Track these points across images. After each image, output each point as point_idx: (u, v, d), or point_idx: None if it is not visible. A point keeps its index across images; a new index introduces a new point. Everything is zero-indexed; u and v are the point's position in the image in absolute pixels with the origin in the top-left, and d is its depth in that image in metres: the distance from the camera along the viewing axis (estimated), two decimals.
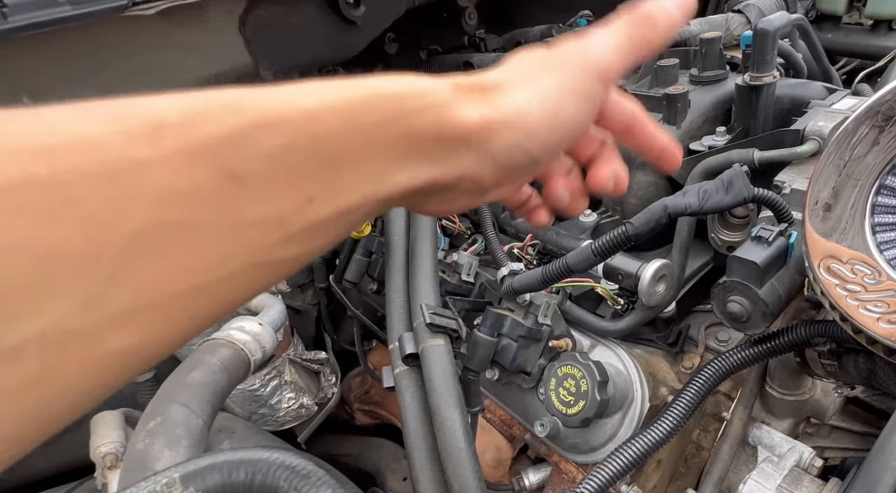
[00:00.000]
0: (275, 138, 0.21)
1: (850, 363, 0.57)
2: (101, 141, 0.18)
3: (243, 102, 0.21)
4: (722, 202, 0.45)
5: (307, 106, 0.22)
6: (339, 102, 0.23)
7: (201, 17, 0.68)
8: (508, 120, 0.27)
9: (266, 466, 0.40)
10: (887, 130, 0.40)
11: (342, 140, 0.23)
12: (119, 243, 0.18)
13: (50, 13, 0.52)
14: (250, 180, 0.20)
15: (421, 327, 0.65)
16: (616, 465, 0.55)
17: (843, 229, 0.43)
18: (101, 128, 0.18)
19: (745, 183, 0.45)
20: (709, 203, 0.44)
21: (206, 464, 0.40)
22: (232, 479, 0.39)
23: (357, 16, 0.83)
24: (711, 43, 0.76)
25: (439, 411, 0.59)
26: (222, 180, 0.20)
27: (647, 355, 0.76)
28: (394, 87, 0.25)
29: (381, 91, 0.25)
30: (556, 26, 1.09)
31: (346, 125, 0.23)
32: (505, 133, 0.27)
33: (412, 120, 0.25)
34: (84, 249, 0.17)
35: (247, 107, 0.21)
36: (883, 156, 0.40)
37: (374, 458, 1.11)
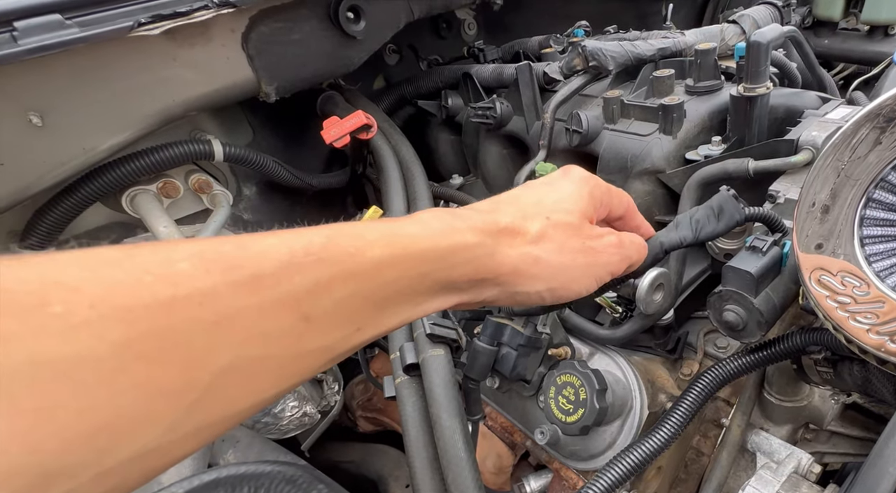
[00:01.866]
0: (346, 288, 0.25)
1: (846, 371, 0.57)
2: (215, 293, 0.21)
3: (329, 255, 0.25)
4: (715, 230, 0.46)
5: (377, 260, 0.27)
6: (403, 257, 0.28)
7: (205, 35, 0.70)
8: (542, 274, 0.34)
9: (268, 480, 0.41)
10: (889, 130, 0.40)
11: (396, 287, 0.28)
12: (208, 378, 0.21)
13: (58, 36, 0.53)
14: (317, 320, 0.24)
15: (421, 337, 0.66)
16: (616, 472, 0.55)
17: (838, 233, 0.43)
18: (216, 279, 0.21)
19: (735, 207, 0.46)
20: (703, 233, 0.45)
21: (210, 479, 0.41)
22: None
23: (357, 30, 0.85)
24: (706, 54, 0.77)
25: (440, 420, 0.60)
26: (297, 321, 0.23)
27: (645, 362, 0.77)
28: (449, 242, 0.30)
29: (437, 246, 0.29)
30: (553, 37, 1.10)
31: (401, 275, 0.28)
32: (531, 282, 0.34)
33: (455, 270, 0.30)
34: (181, 385, 0.20)
35: (331, 260, 0.25)
36: (887, 154, 0.41)
37: (377, 465, 1.11)
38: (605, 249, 0.37)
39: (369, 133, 0.88)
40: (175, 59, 0.68)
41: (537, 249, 0.34)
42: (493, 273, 0.32)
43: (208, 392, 0.21)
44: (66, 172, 0.66)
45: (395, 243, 0.28)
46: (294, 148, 1.07)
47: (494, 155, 1.02)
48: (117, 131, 0.68)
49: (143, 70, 0.67)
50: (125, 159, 0.76)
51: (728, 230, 0.46)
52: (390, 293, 0.28)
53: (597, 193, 0.39)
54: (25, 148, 0.61)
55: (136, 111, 0.68)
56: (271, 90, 0.80)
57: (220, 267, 0.22)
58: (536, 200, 0.36)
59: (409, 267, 0.28)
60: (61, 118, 0.63)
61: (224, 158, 0.85)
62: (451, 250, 0.30)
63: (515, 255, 0.33)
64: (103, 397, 0.18)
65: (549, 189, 0.37)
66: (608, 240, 0.37)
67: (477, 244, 0.31)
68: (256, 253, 0.23)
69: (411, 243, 0.29)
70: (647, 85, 0.82)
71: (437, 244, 0.30)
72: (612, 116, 0.81)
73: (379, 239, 0.27)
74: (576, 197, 0.37)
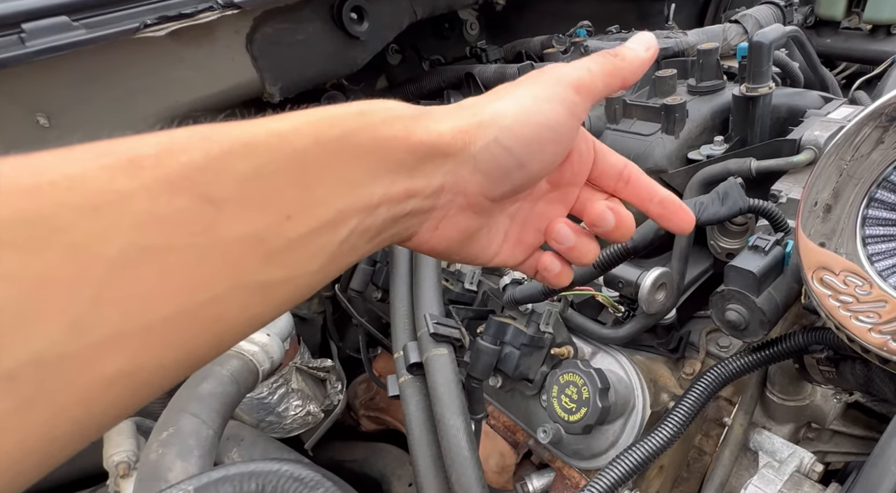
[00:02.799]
0: (246, 162, 0.22)
1: (848, 370, 0.58)
2: (84, 176, 0.19)
3: (217, 133, 0.22)
4: (718, 214, 0.45)
5: (276, 129, 0.23)
6: (307, 123, 0.24)
7: (210, 36, 0.70)
8: (483, 122, 0.28)
9: (276, 478, 0.42)
10: (891, 130, 0.40)
11: (310, 156, 0.24)
12: (102, 269, 0.19)
13: (66, 37, 0.54)
14: (225, 202, 0.21)
15: (425, 336, 0.66)
16: (619, 471, 0.56)
17: (840, 232, 0.44)
18: (84, 165, 0.19)
19: (740, 195, 0.46)
20: (705, 215, 0.45)
21: (218, 476, 0.41)
22: (243, 491, 0.40)
23: (361, 31, 0.85)
24: (709, 54, 0.78)
25: (443, 419, 0.60)
26: (198, 204, 0.21)
27: (648, 361, 0.77)
28: (362, 105, 0.26)
29: (348, 109, 0.26)
30: (556, 36, 1.10)
31: (313, 142, 0.24)
32: (480, 133, 0.28)
33: (378, 131, 0.26)
34: (69, 275, 0.18)
35: (219, 136, 0.22)
36: (891, 153, 0.41)
37: (380, 464, 1.12)
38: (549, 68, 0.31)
39: None
40: (181, 61, 0.69)
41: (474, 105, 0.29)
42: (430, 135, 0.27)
43: (110, 286, 0.19)
44: None
45: (294, 116, 0.24)
46: None
47: None
48: (123, 132, 0.68)
49: (149, 71, 0.68)
50: None
51: (730, 216, 0.46)
52: (308, 168, 0.24)
53: None
54: (33, 149, 0.61)
55: (142, 112, 0.69)
56: (275, 91, 0.80)
57: (89, 155, 0.20)
58: None
59: (318, 131, 0.24)
60: (68, 119, 0.63)
61: None
62: (362, 110, 0.26)
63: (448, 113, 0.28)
64: None
65: None
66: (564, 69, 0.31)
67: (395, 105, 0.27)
68: (131, 140, 0.21)
69: (312, 113, 0.25)
70: (650, 85, 0.82)
71: (346, 109, 0.26)
72: (615, 116, 0.81)
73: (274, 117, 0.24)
74: None
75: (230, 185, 0.21)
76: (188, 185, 0.21)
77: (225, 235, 0.21)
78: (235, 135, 0.22)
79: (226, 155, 0.22)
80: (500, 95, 0.30)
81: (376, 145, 0.26)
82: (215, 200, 0.21)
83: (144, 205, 0.20)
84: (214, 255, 0.21)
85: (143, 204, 0.19)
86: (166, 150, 0.21)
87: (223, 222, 0.21)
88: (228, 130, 0.22)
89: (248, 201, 0.22)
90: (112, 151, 0.20)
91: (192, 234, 0.20)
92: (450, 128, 0.28)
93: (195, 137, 0.22)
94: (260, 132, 0.23)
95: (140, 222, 0.19)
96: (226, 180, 0.21)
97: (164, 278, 0.20)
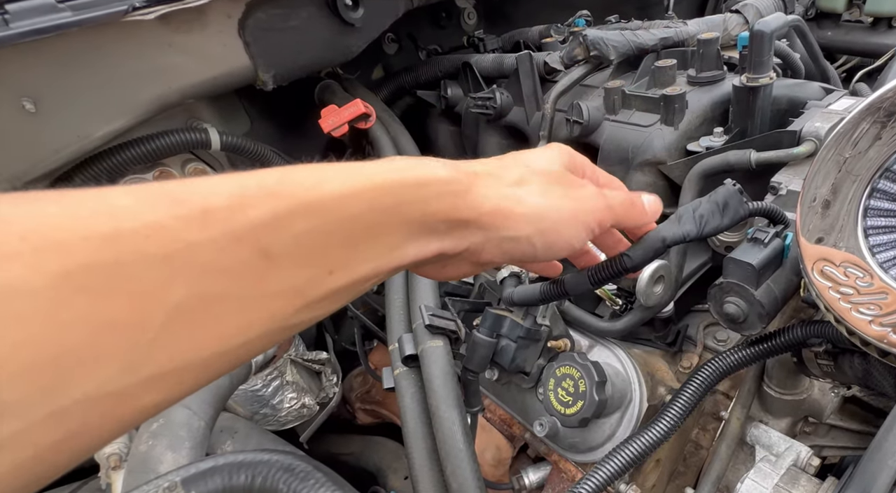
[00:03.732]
0: (306, 222, 0.24)
1: (846, 364, 0.57)
2: (160, 225, 0.20)
3: (283, 189, 0.24)
4: (720, 226, 0.45)
5: (337, 192, 0.25)
6: (366, 188, 0.26)
7: (200, 20, 0.68)
8: (525, 215, 0.32)
9: (266, 468, 0.41)
10: (889, 125, 0.40)
11: (362, 221, 0.26)
12: (162, 314, 0.20)
13: (51, 19, 0.52)
14: (280, 257, 0.23)
15: (420, 328, 0.65)
16: (615, 464, 0.55)
17: (840, 228, 0.43)
18: (161, 214, 0.20)
19: (739, 202, 0.45)
20: (707, 228, 0.44)
21: (207, 467, 0.41)
22: (233, 482, 0.40)
23: (356, 18, 0.84)
24: (709, 44, 0.77)
25: (438, 411, 0.59)
26: (256, 258, 0.22)
27: (645, 354, 0.76)
28: (417, 174, 0.28)
29: (404, 177, 0.28)
30: (554, 26, 1.09)
31: (368, 208, 0.26)
32: (517, 224, 0.32)
33: (429, 205, 0.28)
34: (133, 320, 0.19)
35: (285, 193, 0.24)
36: (886, 149, 0.40)
37: (376, 457, 1.11)
38: (589, 196, 0.35)
39: (368, 122, 0.88)
40: (170, 46, 0.67)
41: (519, 190, 0.32)
42: (472, 212, 0.30)
43: (166, 330, 0.20)
44: (60, 160, 0.65)
45: (357, 176, 0.26)
46: (291, 137, 1.06)
47: (494, 146, 1.01)
48: (112, 119, 0.67)
49: (138, 56, 0.66)
50: (120, 147, 0.75)
51: (732, 225, 0.46)
52: (358, 230, 0.26)
53: (578, 160, 0.38)
54: (19, 134, 0.60)
55: (132, 98, 0.67)
56: (268, 78, 0.79)
57: (166, 202, 0.21)
58: (513, 156, 0.35)
59: (374, 198, 0.26)
60: (55, 104, 0.62)
61: (221, 147, 0.85)
62: (420, 181, 0.28)
63: (495, 195, 0.31)
64: (42, 330, 0.18)
65: (526, 152, 0.36)
66: (590, 188, 0.36)
67: (450, 179, 0.29)
68: (204, 189, 0.22)
69: (375, 175, 0.27)
70: (649, 75, 0.81)
71: (403, 176, 0.28)
72: (614, 107, 0.80)
73: (338, 174, 0.26)
74: (556, 154, 0.36)
75: (287, 242, 0.23)
76: (251, 239, 0.22)
77: (273, 287, 0.23)
78: (300, 195, 0.24)
79: (289, 215, 0.23)
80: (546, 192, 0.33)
81: (422, 217, 0.28)
82: (271, 255, 0.23)
83: (210, 256, 0.21)
84: (259, 304, 0.23)
85: (208, 255, 0.21)
86: (238, 203, 0.22)
87: (273, 275, 0.23)
88: (293, 190, 0.24)
89: (299, 257, 0.24)
90: (187, 200, 0.21)
91: (245, 285, 0.22)
92: (491, 208, 0.31)
93: (263, 193, 0.23)
94: (322, 195, 0.25)
95: (203, 272, 0.21)
96: (284, 238, 0.23)
97: (213, 325, 0.22)
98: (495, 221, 0.31)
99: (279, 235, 0.23)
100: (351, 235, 0.26)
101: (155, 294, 0.20)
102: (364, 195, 0.26)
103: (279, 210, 0.23)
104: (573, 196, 0.34)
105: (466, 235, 0.30)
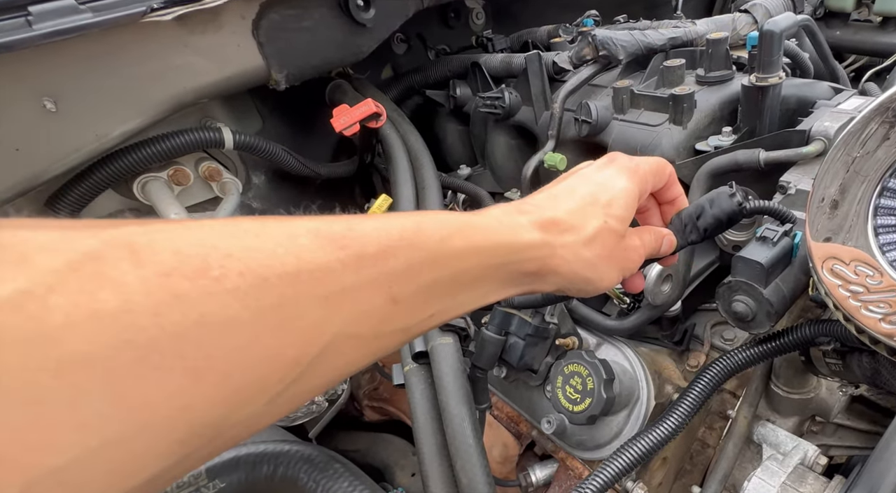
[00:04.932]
0: (429, 274, 0.27)
1: (855, 363, 0.57)
2: (327, 269, 0.22)
3: (418, 240, 0.26)
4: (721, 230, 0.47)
5: (458, 248, 0.28)
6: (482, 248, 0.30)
7: (215, 21, 0.69)
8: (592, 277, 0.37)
9: (287, 459, 0.42)
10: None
11: (469, 275, 0.29)
12: (315, 353, 0.22)
13: (72, 20, 0.54)
14: (403, 302, 0.26)
15: None
16: (622, 462, 0.56)
17: (848, 228, 0.43)
18: (328, 256, 0.23)
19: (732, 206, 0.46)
20: (710, 233, 0.46)
21: (230, 457, 0.42)
22: (255, 472, 0.41)
23: (367, 18, 0.84)
24: (718, 43, 0.77)
25: (448, 407, 0.60)
26: (387, 302, 0.25)
27: (652, 353, 0.77)
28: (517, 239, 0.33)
29: (511, 242, 0.32)
30: (563, 26, 1.09)
31: (476, 265, 0.30)
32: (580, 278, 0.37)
33: (521, 266, 0.33)
34: (294, 356, 0.21)
35: (420, 245, 0.26)
36: (895, 150, 0.40)
37: (383, 454, 1.12)
38: (634, 251, 0.41)
39: (378, 122, 0.88)
40: (186, 46, 0.68)
41: (590, 252, 0.37)
42: (553, 270, 0.35)
43: (311, 367, 0.22)
44: (79, 158, 0.66)
45: (475, 235, 0.30)
46: (302, 137, 1.07)
47: (502, 145, 1.02)
48: (129, 118, 0.68)
49: (155, 56, 0.67)
50: (136, 146, 0.76)
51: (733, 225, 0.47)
52: (465, 281, 0.29)
53: (643, 188, 0.41)
54: (40, 133, 0.62)
55: (148, 98, 0.69)
56: (281, 78, 0.80)
57: (334, 246, 0.23)
58: (591, 197, 0.38)
59: (486, 258, 0.30)
60: (74, 104, 0.63)
61: (234, 146, 0.86)
62: (522, 246, 0.33)
63: (573, 258, 0.36)
64: (241, 363, 0.19)
65: (602, 185, 0.39)
66: (634, 243, 0.41)
67: (542, 244, 0.34)
68: (360, 234, 0.24)
69: (489, 236, 0.31)
70: (658, 75, 0.82)
71: (510, 240, 0.32)
72: (622, 106, 0.81)
73: (460, 230, 0.29)
74: (627, 200, 0.39)
75: (411, 289, 0.26)
76: (387, 285, 0.25)
77: (390, 328, 0.26)
78: (431, 248, 0.27)
79: (419, 266, 0.26)
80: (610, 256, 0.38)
81: (515, 273, 0.33)
82: (398, 301, 0.25)
83: (355, 299, 0.23)
84: (378, 343, 0.25)
85: (354, 298, 0.23)
86: (383, 251, 0.25)
87: (394, 318, 0.26)
88: (426, 242, 0.27)
89: (416, 303, 0.27)
90: (349, 246, 0.24)
91: (373, 325, 0.25)
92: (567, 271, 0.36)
93: (404, 243, 0.26)
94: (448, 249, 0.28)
95: (349, 314, 0.23)
96: (411, 286, 0.26)
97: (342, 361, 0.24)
98: (567, 277, 0.36)
99: (407, 283, 0.26)
100: (457, 285, 0.29)
101: (314, 334, 0.22)
102: (480, 254, 0.30)
103: (412, 261, 0.26)
104: (623, 253, 0.40)
105: (544, 284, 0.36)
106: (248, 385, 0.20)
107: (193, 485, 0.40)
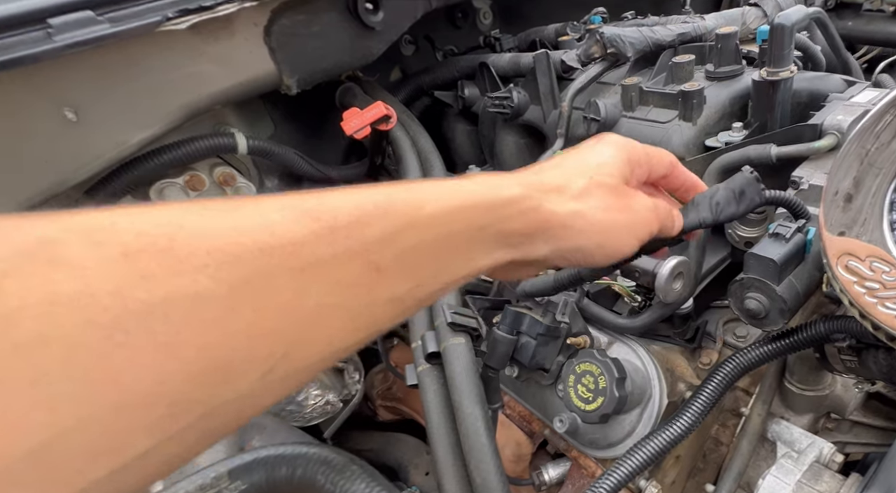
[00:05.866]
0: (408, 239, 0.26)
1: (871, 359, 0.57)
2: (303, 243, 0.23)
3: (393, 207, 0.26)
4: (736, 213, 0.46)
5: (438, 211, 0.28)
6: (462, 208, 0.29)
7: (228, 29, 0.71)
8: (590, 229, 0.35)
9: (305, 461, 0.43)
10: None
11: (455, 239, 0.29)
12: (297, 326, 0.22)
13: (91, 32, 0.55)
14: (385, 270, 0.25)
15: (442, 326, 0.67)
16: (635, 460, 0.56)
17: (863, 221, 0.43)
18: (304, 230, 0.23)
19: (756, 190, 0.46)
20: (723, 215, 0.45)
21: (251, 459, 0.43)
22: (275, 473, 0.42)
23: (376, 21, 0.85)
24: (727, 38, 0.76)
25: (461, 407, 0.61)
26: (367, 270, 0.25)
27: (664, 351, 0.77)
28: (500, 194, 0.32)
29: (493, 198, 0.31)
30: (570, 24, 1.09)
31: (464, 228, 0.29)
32: (579, 237, 0.35)
33: (507, 223, 0.32)
34: (275, 330, 0.21)
35: (395, 212, 0.26)
36: None
37: (397, 453, 1.13)
38: (642, 209, 0.39)
39: (389, 124, 0.89)
40: (201, 54, 0.70)
41: (582, 204, 0.35)
42: (542, 227, 0.33)
43: (297, 340, 0.22)
44: (99, 166, 0.68)
45: (453, 197, 0.29)
46: (314, 140, 1.08)
47: (511, 145, 1.02)
48: (146, 126, 0.70)
49: (171, 65, 0.69)
50: (154, 153, 0.78)
51: (748, 212, 0.46)
52: (449, 246, 0.29)
53: (634, 158, 0.40)
54: (62, 142, 0.63)
55: (165, 106, 0.70)
56: (293, 83, 0.81)
57: (307, 218, 0.23)
58: (578, 161, 0.37)
59: (467, 219, 0.29)
60: (94, 113, 0.65)
61: (248, 151, 0.87)
62: (503, 201, 0.31)
63: (562, 210, 0.34)
64: (218, 337, 0.20)
65: (589, 152, 0.38)
66: (644, 202, 0.39)
67: (525, 196, 0.32)
68: (332, 207, 0.25)
69: (469, 197, 0.30)
70: (667, 71, 0.81)
71: (490, 197, 0.31)
72: (631, 104, 0.80)
73: (436, 193, 0.29)
74: (616, 160, 0.38)
75: (392, 256, 0.26)
76: (365, 255, 0.25)
77: (377, 297, 0.26)
78: (409, 214, 0.27)
79: (397, 233, 0.26)
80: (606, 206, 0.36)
81: (500, 233, 0.31)
82: (380, 268, 0.25)
83: (332, 269, 0.23)
84: (366, 313, 0.25)
85: (331, 268, 0.23)
86: (357, 221, 0.25)
87: (379, 287, 0.26)
88: (402, 208, 0.27)
89: (400, 271, 0.26)
90: (321, 218, 0.24)
91: (357, 295, 0.25)
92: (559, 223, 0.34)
93: (378, 212, 0.26)
94: (426, 212, 0.28)
95: (327, 284, 0.23)
96: (391, 253, 0.26)
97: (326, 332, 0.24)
98: (562, 234, 0.34)
99: (386, 250, 0.25)
100: (442, 250, 0.29)
101: (293, 306, 0.22)
102: (460, 215, 0.29)
103: (388, 229, 0.26)
104: (629, 209, 0.37)
105: (536, 246, 0.34)
106: (231, 359, 0.20)
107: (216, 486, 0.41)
